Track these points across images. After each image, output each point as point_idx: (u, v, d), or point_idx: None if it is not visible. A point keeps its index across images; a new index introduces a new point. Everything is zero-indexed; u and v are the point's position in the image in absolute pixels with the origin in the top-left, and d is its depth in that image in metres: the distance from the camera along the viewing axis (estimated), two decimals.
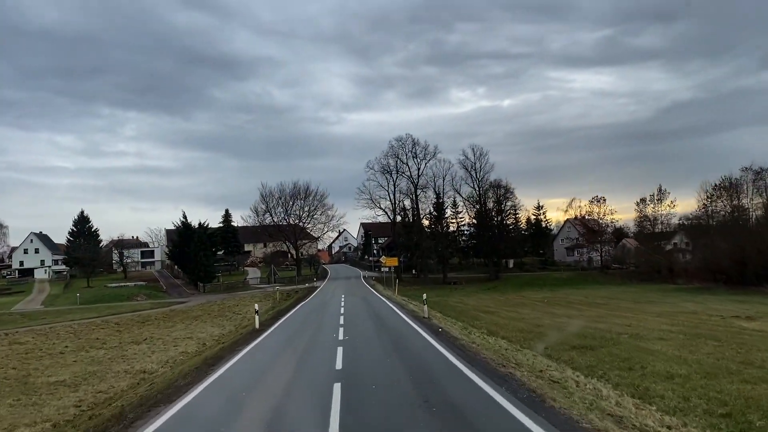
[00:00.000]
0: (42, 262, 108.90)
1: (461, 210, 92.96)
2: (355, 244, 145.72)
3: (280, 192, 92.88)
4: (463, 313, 32.31)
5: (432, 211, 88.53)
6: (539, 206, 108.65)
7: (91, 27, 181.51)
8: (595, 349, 17.38)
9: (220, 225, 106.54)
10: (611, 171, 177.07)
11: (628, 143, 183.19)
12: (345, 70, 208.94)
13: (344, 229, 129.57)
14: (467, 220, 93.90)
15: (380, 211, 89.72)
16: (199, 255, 77.56)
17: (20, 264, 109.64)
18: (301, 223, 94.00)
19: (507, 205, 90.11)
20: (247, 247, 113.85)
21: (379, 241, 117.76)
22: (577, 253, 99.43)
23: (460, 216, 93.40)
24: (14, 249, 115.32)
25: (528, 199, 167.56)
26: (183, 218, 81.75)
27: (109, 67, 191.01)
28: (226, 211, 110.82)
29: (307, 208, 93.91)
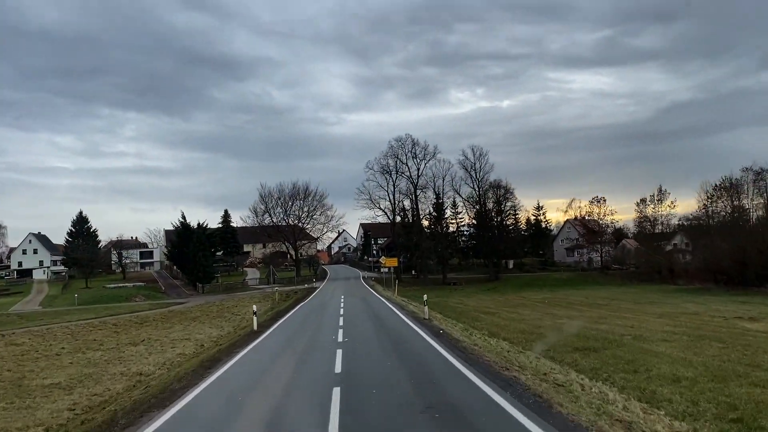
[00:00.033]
0: (41, 262, 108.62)
1: (461, 210, 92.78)
2: (354, 244, 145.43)
3: (279, 192, 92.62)
4: (463, 314, 32.05)
5: (432, 211, 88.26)
6: (539, 207, 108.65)
7: (90, 27, 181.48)
8: (599, 350, 17.13)
9: (219, 225, 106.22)
10: (611, 171, 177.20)
11: (628, 144, 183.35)
12: (344, 70, 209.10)
13: (344, 230, 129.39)
14: (467, 221, 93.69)
15: (380, 212, 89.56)
16: (198, 255, 77.22)
17: (19, 265, 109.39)
18: (300, 224, 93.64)
19: (507, 205, 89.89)
20: (246, 247, 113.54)
21: (378, 242, 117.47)
22: (577, 253, 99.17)
23: (459, 216, 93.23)
24: (13, 249, 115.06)
25: (528, 199, 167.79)
26: (182, 219, 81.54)
27: (109, 67, 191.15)
28: (225, 211, 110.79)
29: (306, 209, 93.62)
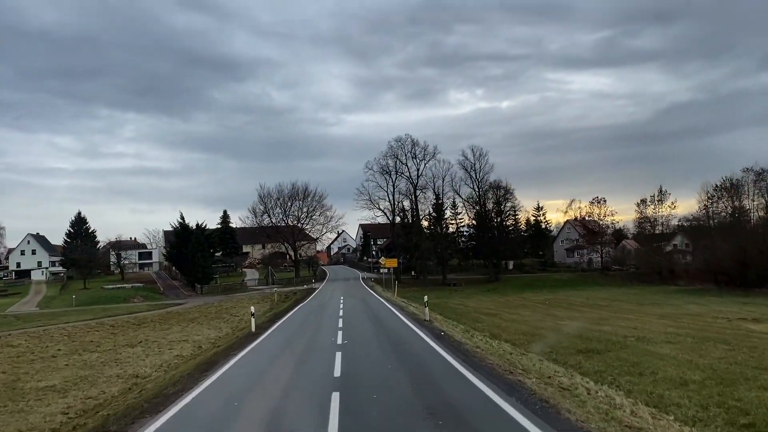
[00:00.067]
0: (39, 263, 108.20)
1: (461, 211, 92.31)
2: (353, 245, 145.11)
3: (278, 193, 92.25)
4: (463, 316, 31.81)
5: (431, 212, 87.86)
6: (539, 207, 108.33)
7: (89, 28, 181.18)
8: (602, 353, 16.90)
9: (218, 226, 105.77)
10: (610, 172, 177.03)
11: (627, 144, 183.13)
12: (344, 71, 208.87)
13: (343, 231, 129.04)
14: (467, 221, 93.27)
15: (379, 212, 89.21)
16: (197, 256, 76.81)
17: (17, 265, 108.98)
18: (299, 224, 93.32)
19: (506, 206, 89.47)
20: (245, 248, 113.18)
21: (378, 243, 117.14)
22: (577, 254, 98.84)
23: (459, 217, 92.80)
24: (11, 250, 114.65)
25: (527, 200, 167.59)
26: (180, 219, 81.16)
27: (108, 68, 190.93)
28: (224, 212, 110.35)
29: (305, 209, 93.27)
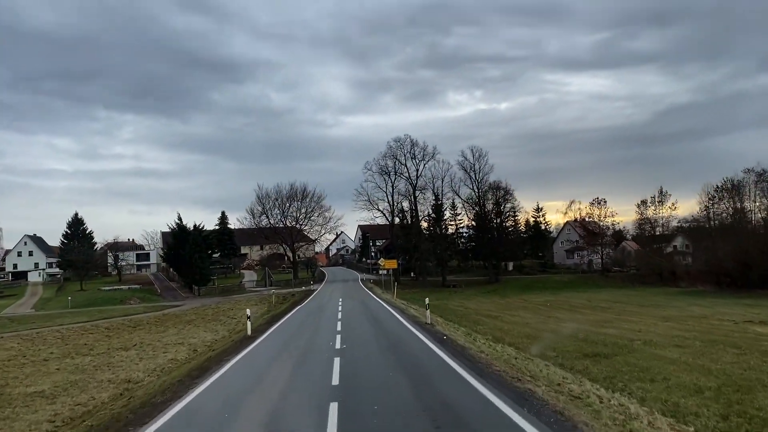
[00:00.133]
0: (36, 265, 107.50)
1: (460, 212, 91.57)
2: (352, 246, 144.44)
3: (276, 193, 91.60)
4: (464, 318, 31.25)
5: (430, 212, 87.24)
6: (538, 208, 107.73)
7: (88, 29, 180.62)
8: (609, 357, 16.37)
9: (217, 227, 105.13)
10: (609, 174, 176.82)
11: (626, 146, 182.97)
12: (342, 72, 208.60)
13: (342, 232, 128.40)
14: (466, 222, 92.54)
15: (378, 213, 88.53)
16: (194, 257, 76.08)
17: (14, 267, 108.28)
18: (298, 225, 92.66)
19: (506, 207, 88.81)
20: (243, 249, 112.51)
21: (377, 244, 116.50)
22: (577, 255, 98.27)
23: (458, 218, 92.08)
24: (8, 252, 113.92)
25: (527, 201, 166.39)
26: (178, 220, 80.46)
27: (107, 69, 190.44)
28: (223, 213, 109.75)
29: (304, 210, 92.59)
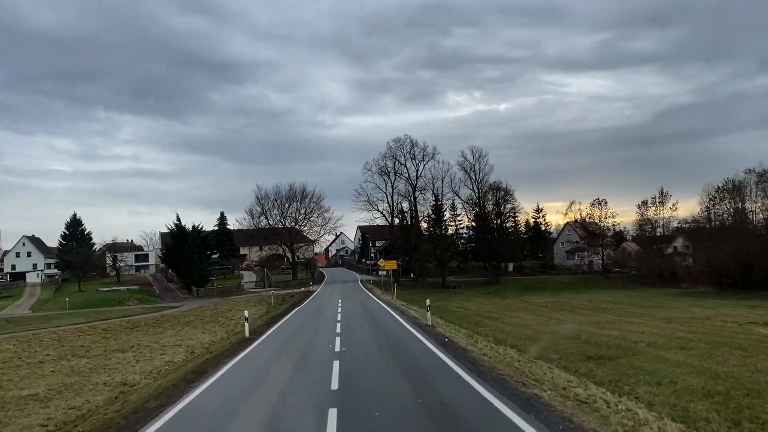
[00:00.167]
0: (34, 265, 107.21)
1: (460, 212, 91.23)
2: (352, 247, 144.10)
3: (276, 194, 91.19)
4: (465, 319, 30.94)
5: (430, 213, 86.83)
6: (538, 209, 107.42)
7: (88, 30, 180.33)
8: (614, 359, 16.07)
9: (216, 228, 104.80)
10: (609, 174, 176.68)
11: (626, 147, 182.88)
12: (342, 73, 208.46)
13: (341, 232, 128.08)
14: (466, 223, 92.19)
15: (378, 214, 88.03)
16: (193, 258, 75.76)
17: (12, 268, 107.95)
18: (297, 226, 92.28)
19: (506, 207, 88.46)
20: (242, 250, 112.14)
21: (376, 244, 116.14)
22: (577, 256, 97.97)
23: (458, 218, 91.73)
24: (6, 252, 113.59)
25: (527, 202, 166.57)
26: (177, 221, 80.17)
27: (106, 70, 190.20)
28: (222, 213, 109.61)
29: (303, 211, 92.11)
